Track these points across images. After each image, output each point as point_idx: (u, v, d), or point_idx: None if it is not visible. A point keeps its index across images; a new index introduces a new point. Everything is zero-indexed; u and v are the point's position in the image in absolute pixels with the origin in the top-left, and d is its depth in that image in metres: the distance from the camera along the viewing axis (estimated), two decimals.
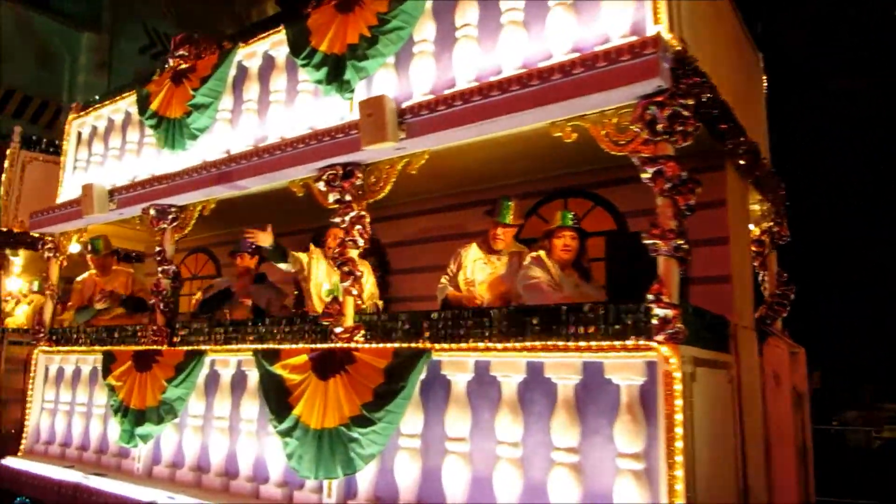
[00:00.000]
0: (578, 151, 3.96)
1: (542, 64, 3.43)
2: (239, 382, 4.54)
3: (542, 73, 3.32)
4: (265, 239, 4.94)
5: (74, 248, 6.44)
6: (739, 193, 4.52)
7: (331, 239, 4.89)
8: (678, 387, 2.81)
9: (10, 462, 5.88)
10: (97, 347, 5.61)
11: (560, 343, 3.18)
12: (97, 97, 6.59)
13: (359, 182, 4.06)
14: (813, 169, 11.42)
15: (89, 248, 6.33)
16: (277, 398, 4.11)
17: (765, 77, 5.57)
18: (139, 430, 4.86)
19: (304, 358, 4.05)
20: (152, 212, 5.21)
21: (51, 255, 6.35)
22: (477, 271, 4.56)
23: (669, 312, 2.88)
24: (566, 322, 3.23)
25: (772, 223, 5.11)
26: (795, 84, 11.67)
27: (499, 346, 3.34)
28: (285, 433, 3.99)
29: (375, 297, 5.30)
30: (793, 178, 5.52)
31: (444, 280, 4.69)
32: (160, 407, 4.80)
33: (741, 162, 4.20)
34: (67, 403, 5.91)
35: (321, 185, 4.18)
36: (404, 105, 3.77)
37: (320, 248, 5.30)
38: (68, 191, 6.48)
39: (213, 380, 4.71)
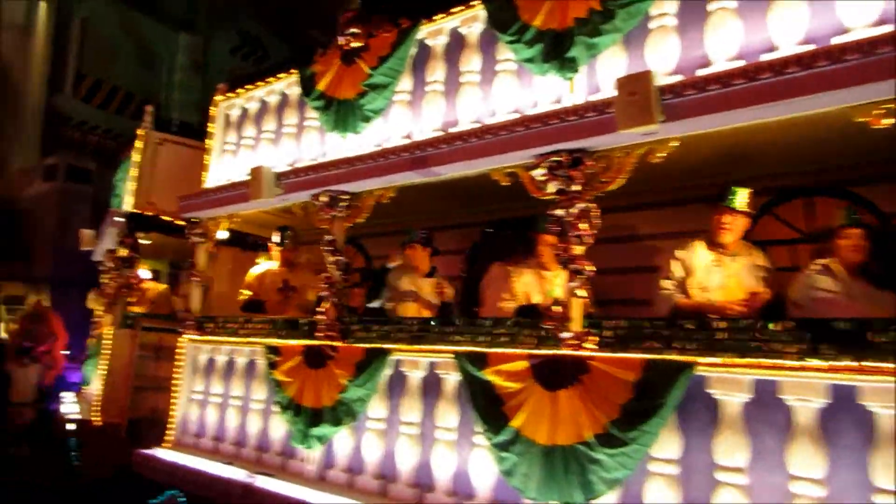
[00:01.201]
0: (845, 143, 3.46)
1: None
2: (431, 386, 4.19)
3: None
4: None
5: (222, 234, 6.21)
6: None
7: (542, 247, 4.53)
8: None
9: (160, 454, 5.70)
10: (257, 340, 5.35)
11: (879, 364, 2.70)
12: (241, 78, 6.32)
13: (588, 171, 3.64)
14: None
15: (274, 238, 6.12)
16: (488, 407, 3.74)
17: None
18: (315, 431, 4.57)
19: (522, 364, 3.67)
20: (324, 198, 4.89)
21: (199, 240, 6.14)
22: (711, 275, 4.08)
23: None
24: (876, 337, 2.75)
25: None
26: None
27: (793, 363, 2.88)
28: (502, 447, 3.63)
29: None
30: None
31: (668, 285, 4.21)
32: (337, 408, 4.51)
33: None
34: (219, 396, 5.69)
35: (539, 174, 3.77)
36: (661, 84, 3.32)
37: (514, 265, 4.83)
38: (216, 175, 6.26)
39: (397, 382, 4.37)
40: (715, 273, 4.09)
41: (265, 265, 6.41)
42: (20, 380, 10.71)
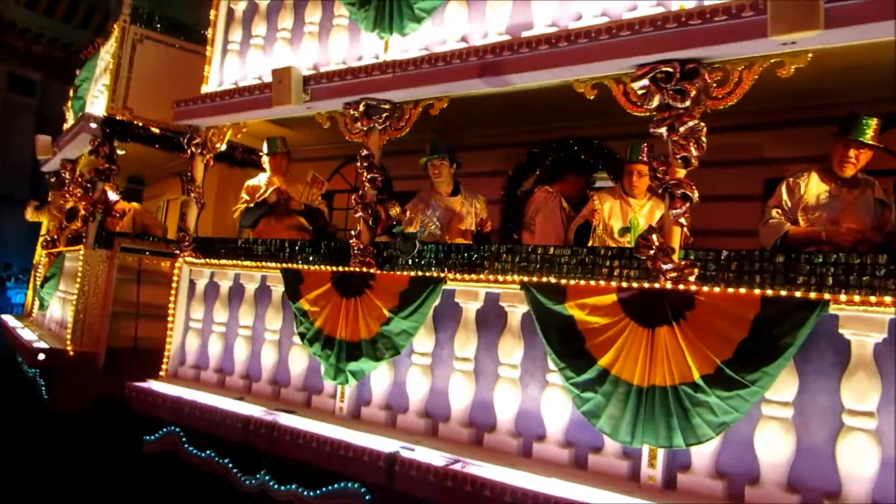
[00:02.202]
0: None
1: None
2: (492, 320, 3.79)
3: None
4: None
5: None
6: None
7: (635, 177, 4.12)
8: None
9: (157, 386, 5.16)
10: (271, 264, 4.82)
11: None
12: None
13: (700, 85, 3.22)
14: None
15: (266, 147, 5.46)
16: (567, 344, 3.38)
17: None
18: (351, 367, 4.13)
19: (610, 298, 3.30)
20: (361, 108, 4.34)
21: (197, 151, 5.48)
22: (823, 204, 3.76)
23: None
24: None
25: None
26: None
27: None
28: (585, 386, 3.28)
29: None
30: None
31: (775, 213, 3.88)
32: (378, 341, 4.07)
33: None
34: (223, 325, 5.16)
35: (640, 86, 3.34)
36: None
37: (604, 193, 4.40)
38: (218, 78, 5.58)
39: (449, 314, 3.96)
40: (827, 204, 3.77)
41: (259, 177, 5.78)
42: None
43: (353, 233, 4.39)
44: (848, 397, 2.78)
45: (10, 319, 9.66)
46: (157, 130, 6.83)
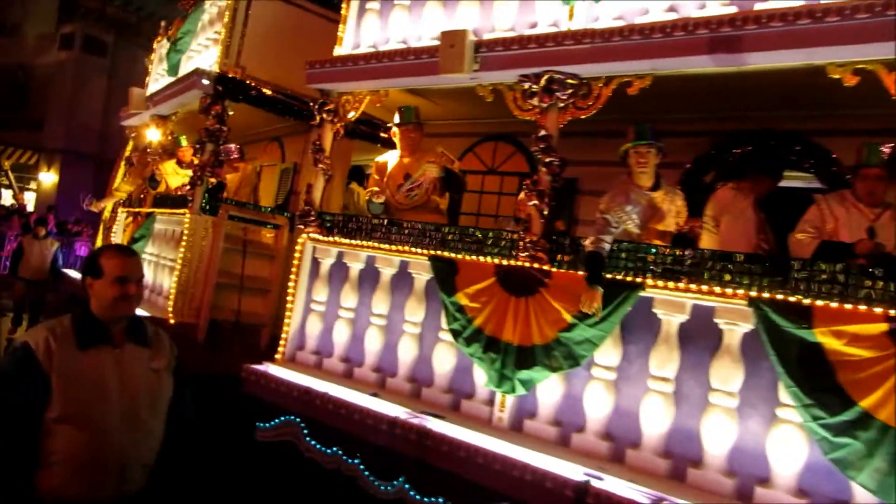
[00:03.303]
0: None
1: None
2: (701, 336, 3.26)
3: None
4: None
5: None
6: None
7: (873, 182, 3.56)
8: None
9: (274, 371, 4.76)
10: (413, 249, 4.36)
11: None
12: None
13: None
14: None
15: (398, 117, 4.96)
16: (812, 377, 2.85)
17: None
18: (521, 375, 3.65)
19: (877, 328, 2.75)
20: (543, 81, 3.81)
21: (328, 118, 5.02)
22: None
23: None
24: None
25: None
26: None
27: None
28: (839, 430, 2.75)
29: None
30: None
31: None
32: (554, 348, 3.58)
33: None
34: (351, 310, 4.73)
35: None
36: None
37: None
38: (354, 40, 5.09)
39: (644, 325, 3.44)
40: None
41: (388, 155, 5.28)
42: (34, 254, 9.43)
43: (512, 221, 3.89)
44: None
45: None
46: (269, 92, 6.36)
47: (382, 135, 6.91)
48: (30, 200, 22.60)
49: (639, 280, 3.40)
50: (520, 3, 4.19)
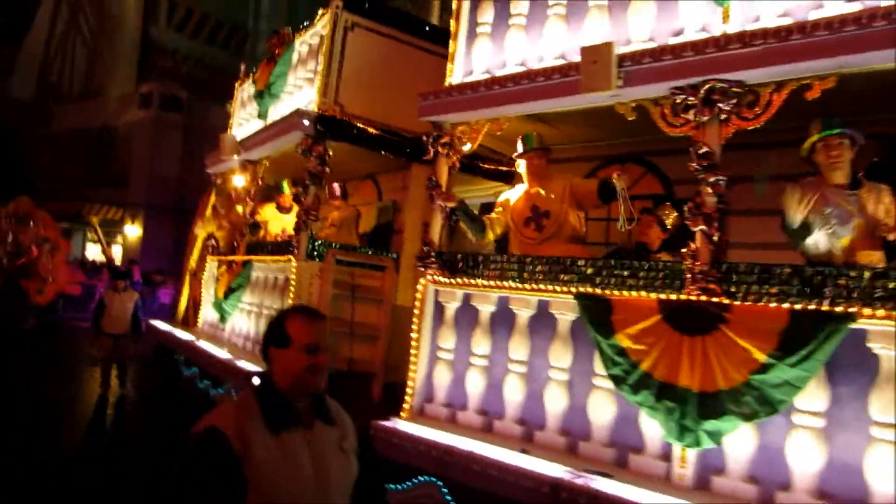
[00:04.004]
0: None
1: None
2: None
3: None
4: None
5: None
6: None
7: None
8: None
9: (402, 426, 4.41)
10: (552, 287, 3.97)
11: None
12: None
13: None
14: None
15: (520, 145, 4.63)
16: None
17: None
18: (707, 425, 3.18)
19: None
20: (703, 92, 3.40)
21: (443, 152, 4.72)
22: None
23: None
24: None
25: None
26: None
27: None
28: None
29: None
30: None
31: None
32: (744, 393, 3.10)
33: None
34: (484, 357, 4.35)
35: None
36: None
37: None
38: (465, 67, 4.80)
39: (855, 363, 2.93)
40: None
41: (513, 191, 4.94)
42: (115, 307, 9.23)
43: (681, 251, 3.45)
44: None
45: (175, 330, 9.23)
46: (370, 129, 6.14)
47: (484, 165, 6.63)
48: (116, 254, 23.58)
49: (848, 310, 2.90)
50: (658, 12, 3.81)
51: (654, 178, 5.11)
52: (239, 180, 9.15)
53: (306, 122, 5.92)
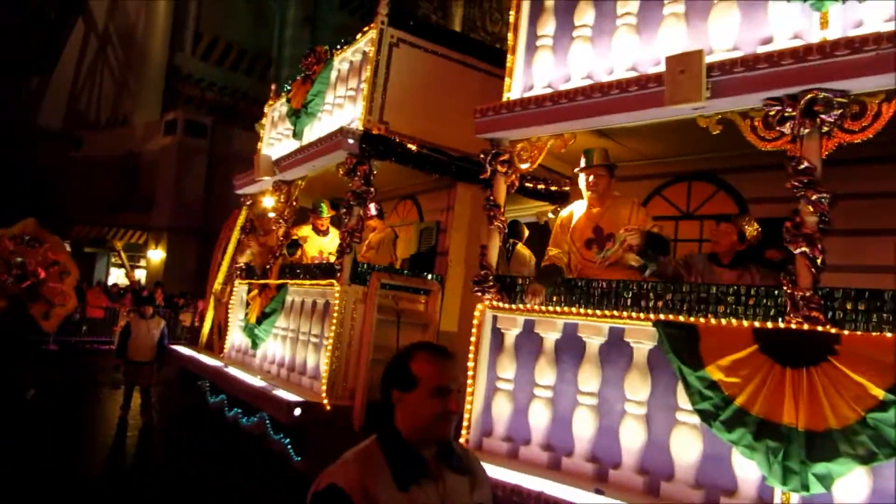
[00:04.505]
0: None
1: None
2: None
3: None
4: None
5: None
6: None
7: None
8: None
9: None
10: (626, 313, 3.68)
11: None
12: None
13: None
14: None
15: (583, 160, 4.36)
16: None
17: None
18: (817, 468, 2.85)
19: None
20: (803, 103, 3.13)
21: (502, 170, 4.49)
22: None
23: None
24: None
25: None
26: None
27: None
28: None
29: None
30: None
31: None
32: (859, 432, 2.78)
33: None
34: (549, 388, 4.05)
35: None
36: None
37: None
38: (524, 81, 4.58)
39: None
40: None
41: (574, 206, 4.66)
42: (141, 334, 8.98)
43: (784, 276, 3.16)
44: None
45: (200, 356, 8.86)
46: (415, 148, 5.92)
47: (527, 184, 6.40)
48: (140, 277, 23.73)
49: None
50: (743, 19, 3.56)
51: (726, 196, 4.81)
52: (268, 201, 8.96)
53: (351, 141, 5.71)
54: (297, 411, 5.22)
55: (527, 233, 7.09)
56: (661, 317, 3.54)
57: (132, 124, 25.26)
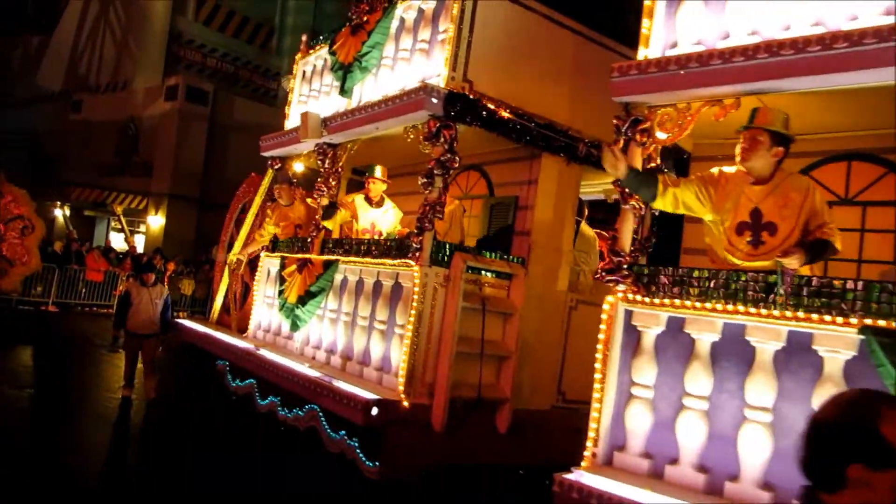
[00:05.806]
0: None
1: None
2: None
3: None
4: None
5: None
6: None
7: None
8: None
9: (589, 480, 3.49)
10: (821, 317, 3.07)
11: None
12: None
13: None
14: None
15: (751, 119, 3.63)
16: None
17: None
18: None
19: None
20: None
21: (640, 139, 3.84)
22: None
23: None
24: None
25: None
26: None
27: None
28: None
29: None
30: None
31: None
32: None
33: None
34: (703, 398, 3.44)
35: None
36: None
37: None
38: (667, 36, 3.92)
39: None
40: None
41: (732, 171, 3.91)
42: (143, 304, 8.21)
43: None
44: None
45: (218, 333, 7.82)
46: (505, 113, 5.23)
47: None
48: (139, 243, 23.43)
49: None
50: None
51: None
52: (299, 167, 8.20)
53: (434, 101, 4.97)
54: (375, 410, 4.58)
55: (586, 212, 6.47)
56: (870, 321, 2.93)
57: (133, 88, 24.61)
